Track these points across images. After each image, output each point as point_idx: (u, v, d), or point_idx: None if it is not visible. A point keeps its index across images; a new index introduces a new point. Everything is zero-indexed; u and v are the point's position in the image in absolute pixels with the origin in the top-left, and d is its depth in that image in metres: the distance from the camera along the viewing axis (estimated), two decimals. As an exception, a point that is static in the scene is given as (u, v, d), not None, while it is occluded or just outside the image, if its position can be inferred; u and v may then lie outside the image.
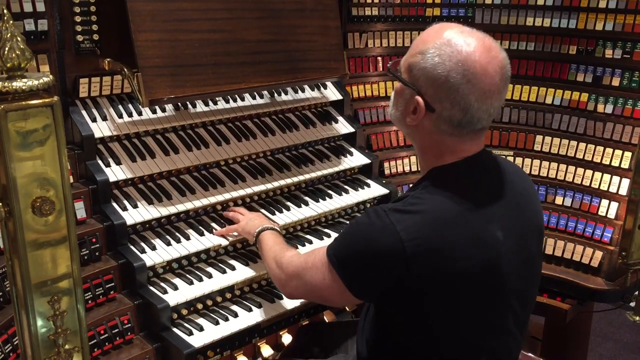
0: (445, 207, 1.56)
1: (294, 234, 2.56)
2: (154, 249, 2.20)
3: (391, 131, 3.18)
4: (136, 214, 2.23)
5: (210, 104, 2.60)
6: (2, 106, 1.22)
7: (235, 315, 2.16)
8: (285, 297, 2.22)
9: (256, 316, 2.18)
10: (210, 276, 2.22)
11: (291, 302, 2.23)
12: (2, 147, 1.24)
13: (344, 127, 2.96)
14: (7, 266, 1.37)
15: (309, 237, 2.53)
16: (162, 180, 2.40)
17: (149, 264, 2.13)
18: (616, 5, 2.90)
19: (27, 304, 1.35)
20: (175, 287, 2.15)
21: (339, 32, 2.82)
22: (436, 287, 1.55)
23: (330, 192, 2.74)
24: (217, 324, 2.11)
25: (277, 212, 2.51)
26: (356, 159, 2.90)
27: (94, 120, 2.30)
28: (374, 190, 2.84)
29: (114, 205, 2.22)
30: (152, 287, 2.14)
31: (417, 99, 1.60)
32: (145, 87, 2.20)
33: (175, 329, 2.07)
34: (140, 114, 2.42)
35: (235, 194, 2.44)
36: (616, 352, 4.20)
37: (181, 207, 2.31)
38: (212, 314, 2.16)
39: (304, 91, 2.92)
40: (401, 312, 1.62)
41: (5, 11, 1.26)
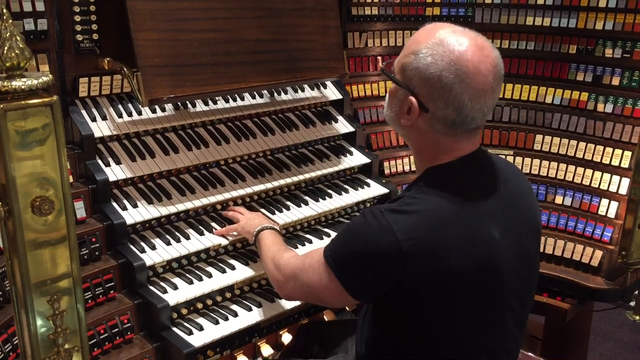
0: (441, 207, 1.56)
1: (294, 234, 2.56)
2: (153, 248, 2.20)
3: (391, 131, 3.17)
4: (136, 213, 2.23)
5: (210, 103, 2.60)
6: (2, 105, 1.22)
7: (235, 314, 2.16)
8: (284, 297, 2.23)
9: (256, 316, 2.18)
10: (210, 276, 2.22)
11: (291, 302, 2.23)
12: (2, 146, 1.24)
13: (343, 126, 2.96)
14: (6, 266, 1.37)
15: (308, 236, 2.53)
16: (162, 179, 2.40)
17: (148, 263, 2.13)
18: (616, 4, 2.90)
19: (26, 304, 1.35)
20: (175, 287, 2.15)
21: (339, 32, 2.82)
22: (433, 287, 1.55)
23: (330, 191, 2.74)
24: (217, 323, 2.11)
25: (277, 212, 2.51)
26: (356, 159, 2.90)
27: (93, 119, 2.30)
28: (374, 189, 2.84)
29: (114, 204, 2.23)
30: (152, 287, 2.14)
31: (411, 99, 1.60)
32: (145, 86, 2.20)
33: (175, 329, 2.08)
34: (140, 113, 2.42)
35: (235, 194, 2.44)
36: (616, 352, 4.20)
37: (181, 207, 2.31)
38: (212, 314, 2.16)
39: (303, 91, 2.92)
40: (400, 312, 1.62)
41: (4, 10, 1.26)
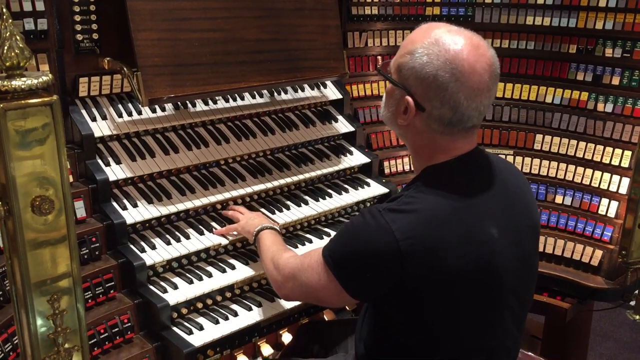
0: (439, 206, 1.56)
1: (294, 233, 2.56)
2: (153, 248, 2.20)
3: (391, 130, 3.16)
4: (136, 213, 2.23)
5: (210, 103, 2.60)
6: (2, 105, 1.22)
7: (235, 314, 2.16)
8: (283, 298, 2.23)
9: (256, 315, 2.18)
10: (210, 275, 2.22)
11: (291, 302, 2.22)
12: (2, 146, 1.24)
13: (343, 126, 2.96)
14: (6, 265, 1.37)
15: (308, 236, 2.53)
16: (162, 179, 2.40)
17: (148, 263, 2.13)
18: (616, 4, 2.90)
19: (26, 303, 1.35)
20: (175, 286, 2.15)
21: (339, 31, 2.82)
22: (432, 286, 1.55)
23: (330, 191, 2.74)
24: (217, 323, 2.11)
25: (277, 211, 2.51)
26: (356, 158, 2.90)
27: (93, 119, 2.30)
28: (374, 189, 2.84)
29: (114, 204, 2.23)
30: (152, 286, 2.14)
31: (407, 99, 1.60)
32: (145, 86, 2.20)
33: (175, 328, 2.08)
34: (140, 113, 2.42)
35: (235, 193, 2.44)
36: (616, 351, 4.20)
37: (181, 207, 2.31)
38: (212, 313, 2.16)
39: (303, 90, 2.92)
40: (400, 311, 1.62)
41: (4, 10, 1.26)
